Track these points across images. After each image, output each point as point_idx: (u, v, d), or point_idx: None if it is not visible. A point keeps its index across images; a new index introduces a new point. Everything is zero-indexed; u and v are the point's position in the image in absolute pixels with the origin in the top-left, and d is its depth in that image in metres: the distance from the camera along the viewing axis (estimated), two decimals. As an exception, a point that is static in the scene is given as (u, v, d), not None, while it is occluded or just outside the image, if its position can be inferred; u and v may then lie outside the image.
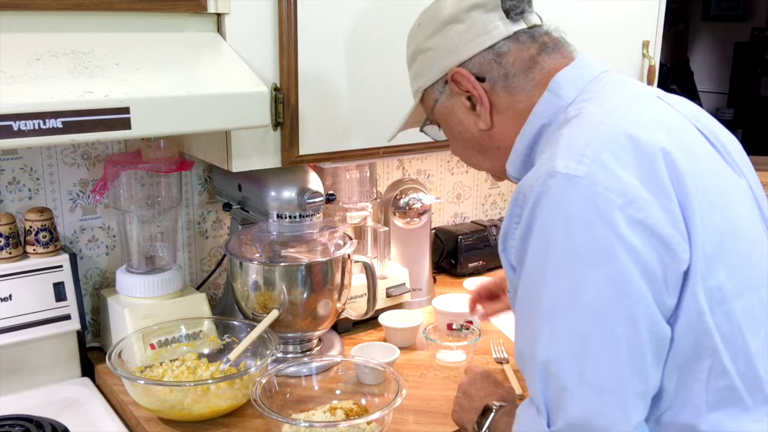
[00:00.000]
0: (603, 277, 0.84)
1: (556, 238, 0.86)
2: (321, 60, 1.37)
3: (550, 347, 0.88)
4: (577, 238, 0.85)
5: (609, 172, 0.86)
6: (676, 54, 4.34)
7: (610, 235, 0.84)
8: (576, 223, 0.85)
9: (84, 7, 1.15)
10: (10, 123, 0.98)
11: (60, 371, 1.48)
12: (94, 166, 1.57)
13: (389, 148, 1.51)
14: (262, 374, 1.31)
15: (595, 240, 0.84)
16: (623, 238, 0.84)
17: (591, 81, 1.02)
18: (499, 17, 1.04)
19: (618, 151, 0.88)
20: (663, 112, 0.99)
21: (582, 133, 0.91)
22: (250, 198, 1.52)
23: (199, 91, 1.15)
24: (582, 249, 0.85)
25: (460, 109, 1.09)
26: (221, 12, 1.27)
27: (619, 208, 0.84)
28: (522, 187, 0.93)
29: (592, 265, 0.85)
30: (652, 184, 0.87)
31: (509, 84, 1.04)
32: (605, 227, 0.84)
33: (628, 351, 0.85)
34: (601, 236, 0.84)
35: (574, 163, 0.87)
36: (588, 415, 0.86)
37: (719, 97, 5.25)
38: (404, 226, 1.82)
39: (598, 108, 0.96)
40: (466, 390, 1.24)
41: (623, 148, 0.88)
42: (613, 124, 0.91)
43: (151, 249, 1.55)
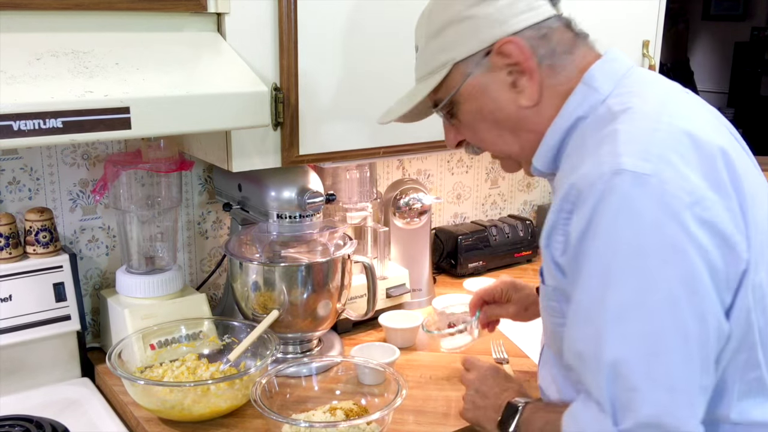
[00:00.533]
0: (674, 275, 0.84)
1: (624, 237, 0.86)
2: (321, 60, 1.37)
3: (619, 347, 0.87)
4: (647, 237, 0.85)
5: (676, 171, 0.86)
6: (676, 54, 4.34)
7: (680, 234, 0.84)
8: (645, 222, 0.85)
9: (84, 7, 1.15)
10: (10, 123, 0.98)
11: (60, 371, 1.47)
12: (94, 166, 1.57)
13: (389, 148, 1.51)
14: (262, 374, 1.31)
15: (665, 239, 0.84)
16: (693, 237, 0.84)
17: (624, 75, 1.02)
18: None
19: (681, 149, 0.88)
20: (704, 110, 1.01)
21: (641, 130, 0.91)
22: (250, 198, 1.52)
23: (199, 91, 1.15)
24: (652, 248, 0.85)
25: (498, 84, 1.03)
26: (221, 12, 1.27)
27: (688, 207, 0.85)
28: (577, 183, 0.91)
29: (662, 264, 0.85)
30: (715, 184, 0.88)
31: (554, 63, 1.02)
32: (675, 226, 0.84)
33: (698, 349, 0.86)
34: (670, 235, 0.84)
35: (641, 161, 0.86)
36: (659, 413, 0.85)
37: (719, 97, 5.26)
38: (404, 226, 1.82)
39: (647, 103, 0.96)
40: (479, 388, 1.21)
41: (686, 147, 0.89)
42: (671, 122, 0.91)
43: (151, 249, 1.55)
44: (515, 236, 2.11)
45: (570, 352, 0.95)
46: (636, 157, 0.87)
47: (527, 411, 1.10)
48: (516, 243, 2.12)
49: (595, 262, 0.88)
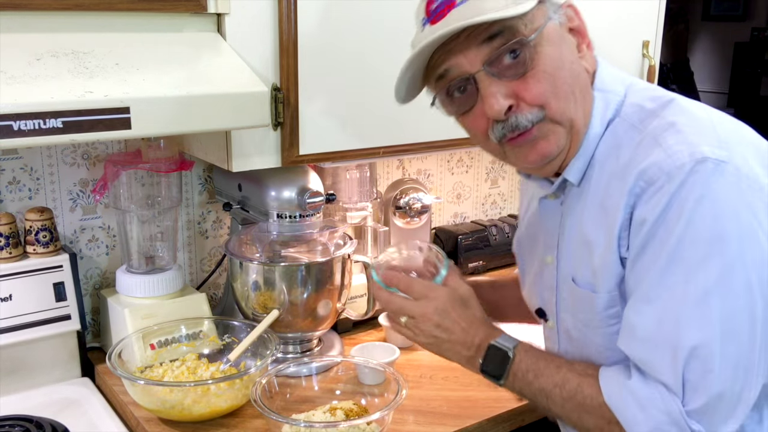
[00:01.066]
0: (751, 261, 0.88)
1: (706, 223, 0.87)
2: (321, 60, 1.37)
3: (701, 331, 0.89)
4: (727, 223, 0.87)
5: (744, 160, 0.90)
6: (676, 54, 4.34)
7: (754, 222, 0.88)
8: (726, 209, 0.87)
9: (84, 7, 1.15)
10: (10, 123, 0.98)
11: (60, 371, 1.47)
12: (94, 166, 1.57)
13: (389, 148, 1.51)
14: (262, 374, 1.31)
15: (742, 225, 0.87)
16: (762, 224, 0.88)
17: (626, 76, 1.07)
18: None
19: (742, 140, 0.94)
20: None
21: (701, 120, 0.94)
22: (250, 198, 1.52)
23: (199, 91, 1.15)
24: (731, 234, 0.87)
25: (568, 43, 0.98)
26: (221, 12, 1.27)
27: (758, 194, 0.89)
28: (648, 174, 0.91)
29: (740, 250, 0.87)
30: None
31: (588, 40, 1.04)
32: (750, 213, 0.88)
33: (762, 330, 0.90)
34: (747, 222, 0.88)
35: (718, 149, 0.89)
36: (724, 390, 0.90)
37: (719, 97, 5.25)
38: (404, 226, 1.82)
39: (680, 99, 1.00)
40: (440, 322, 1.06)
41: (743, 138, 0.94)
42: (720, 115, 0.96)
43: (151, 249, 1.55)
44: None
45: (632, 338, 0.95)
46: (713, 146, 0.89)
47: (521, 357, 1.03)
48: (516, 243, 2.12)
49: (675, 246, 0.89)
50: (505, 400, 1.40)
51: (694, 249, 0.88)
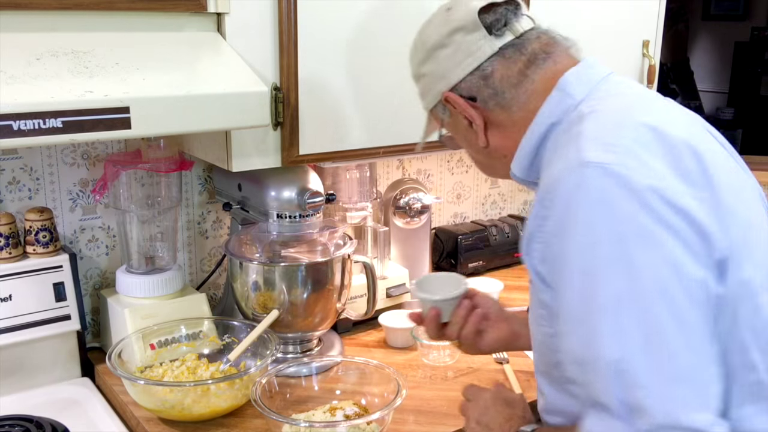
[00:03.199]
0: (658, 259, 0.83)
1: (603, 229, 0.85)
2: (321, 60, 1.37)
3: (617, 344, 0.83)
4: (624, 225, 0.84)
5: (640, 161, 0.86)
6: (676, 54, 4.34)
7: (654, 220, 0.83)
8: (620, 210, 0.84)
9: (84, 7, 1.15)
10: (10, 123, 0.98)
11: (60, 371, 1.47)
12: (94, 166, 1.57)
13: (389, 148, 1.51)
14: (262, 374, 1.31)
15: (641, 225, 0.83)
16: (665, 221, 0.83)
17: (600, 81, 1.03)
18: (481, 36, 1.05)
19: (645, 141, 0.88)
20: (677, 110, 1.01)
21: (605, 126, 0.92)
22: (250, 198, 1.52)
23: (199, 91, 1.15)
24: (631, 235, 0.83)
25: (462, 126, 1.11)
26: (221, 12, 1.27)
27: (655, 192, 0.84)
28: (547, 185, 0.92)
29: (643, 250, 0.83)
30: (681, 174, 0.87)
31: (501, 101, 1.05)
32: (647, 212, 0.84)
33: (700, 334, 0.83)
34: (646, 221, 0.83)
35: (604, 153, 0.87)
36: (670, 409, 0.82)
37: (719, 96, 5.25)
38: (404, 226, 1.82)
39: (615, 104, 0.97)
40: (480, 419, 1.15)
41: (650, 139, 0.89)
42: (635, 118, 0.92)
43: (151, 249, 1.55)
44: (515, 236, 2.11)
45: (570, 363, 0.91)
46: (600, 150, 0.87)
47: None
48: (516, 243, 2.12)
49: (577, 259, 0.87)
50: (505, 400, 1.40)
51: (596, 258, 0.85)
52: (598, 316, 0.85)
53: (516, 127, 1.06)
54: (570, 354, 0.91)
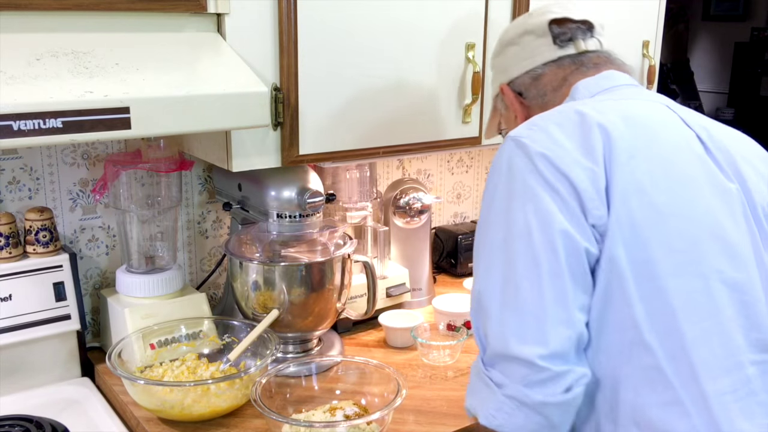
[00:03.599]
0: (531, 210, 0.94)
1: (500, 187, 0.99)
2: (321, 60, 1.37)
3: (483, 280, 0.97)
4: (515, 183, 0.97)
5: (548, 135, 0.99)
6: (676, 54, 4.34)
7: (539, 180, 0.95)
8: (515, 172, 0.98)
9: (84, 7, 1.15)
10: (10, 123, 0.99)
11: (60, 371, 1.48)
12: (94, 166, 1.57)
13: (389, 148, 1.51)
14: (262, 374, 1.31)
15: (527, 183, 0.96)
16: (549, 182, 0.95)
17: (607, 89, 1.12)
18: (546, 43, 1.18)
19: (564, 122, 1.00)
20: (642, 109, 1.06)
21: (547, 114, 1.05)
22: (250, 198, 1.52)
23: (199, 91, 1.15)
24: (518, 192, 0.97)
25: (512, 119, 1.24)
26: (221, 12, 1.27)
27: (545, 158, 0.96)
28: None
29: (523, 202, 0.95)
30: (584, 149, 0.97)
31: (542, 101, 1.19)
32: (536, 174, 0.96)
33: (549, 277, 0.92)
34: (532, 181, 0.96)
35: (524, 130, 1.01)
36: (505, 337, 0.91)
37: (719, 97, 5.25)
38: (404, 226, 1.82)
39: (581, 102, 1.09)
40: None
41: (570, 121, 1.00)
42: (576, 106, 1.04)
43: (151, 249, 1.55)
44: (515, 236, 2.12)
45: None
46: (523, 128, 1.02)
47: None
48: (516, 243, 2.12)
49: (483, 211, 1.01)
50: (505, 400, 1.40)
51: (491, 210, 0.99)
52: (479, 258, 0.99)
53: None
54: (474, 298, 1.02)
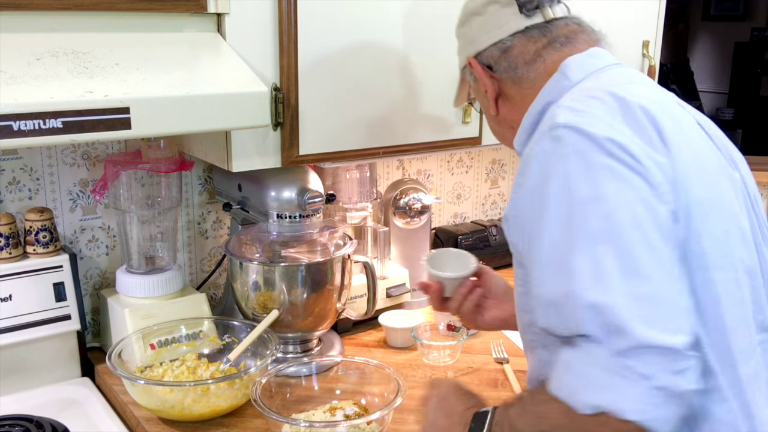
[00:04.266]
0: (631, 194, 0.88)
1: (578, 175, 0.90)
2: (321, 60, 1.37)
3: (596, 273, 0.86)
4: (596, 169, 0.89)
5: (600, 119, 0.93)
6: (676, 54, 4.34)
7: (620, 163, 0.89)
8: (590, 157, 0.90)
9: (84, 7, 1.15)
10: (10, 123, 0.99)
11: (60, 371, 1.48)
12: (94, 166, 1.57)
13: (389, 148, 1.51)
14: (262, 374, 1.31)
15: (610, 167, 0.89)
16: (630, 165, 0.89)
17: (601, 68, 1.08)
18: (512, 12, 1.11)
19: (606, 103, 0.96)
20: (658, 93, 1.05)
21: (576, 98, 1.00)
22: (250, 198, 1.52)
23: (199, 91, 1.15)
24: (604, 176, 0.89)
25: (482, 92, 1.18)
26: (221, 12, 1.27)
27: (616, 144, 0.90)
28: (524, 155, 0.99)
29: (618, 187, 0.88)
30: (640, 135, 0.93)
31: (514, 75, 1.12)
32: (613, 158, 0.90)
33: (670, 263, 0.88)
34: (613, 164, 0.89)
35: (571, 115, 0.94)
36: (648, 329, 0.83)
37: (719, 97, 5.25)
38: (404, 226, 1.82)
39: (594, 82, 1.05)
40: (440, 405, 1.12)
41: (609, 102, 0.96)
42: (602, 88, 1.00)
43: (151, 249, 1.55)
44: (515, 236, 2.12)
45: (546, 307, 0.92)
46: (569, 114, 0.95)
47: (499, 413, 0.99)
48: (516, 243, 2.12)
49: (556, 207, 0.91)
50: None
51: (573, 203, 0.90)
52: (578, 251, 0.88)
53: (524, 102, 1.12)
54: (546, 296, 0.92)
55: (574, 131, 0.92)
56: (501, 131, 1.21)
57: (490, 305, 1.32)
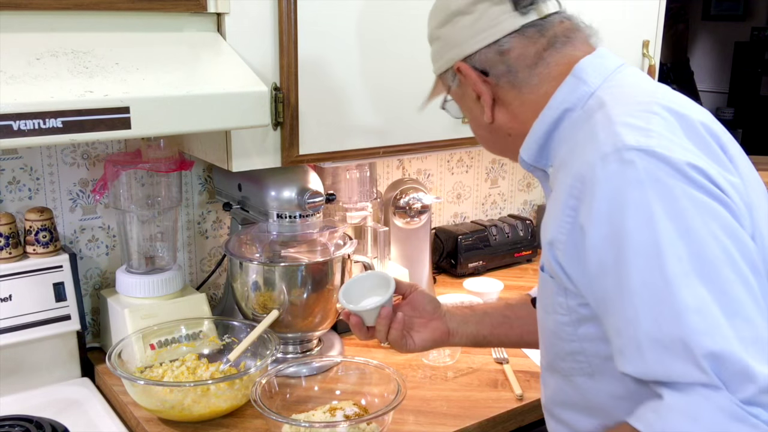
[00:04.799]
0: (719, 227, 0.83)
1: (658, 206, 0.84)
2: (321, 60, 1.37)
3: (698, 315, 0.81)
4: (679, 200, 0.84)
5: (670, 140, 0.87)
6: (676, 54, 4.33)
7: (703, 192, 0.85)
8: (670, 187, 0.85)
9: (84, 7, 1.15)
10: (10, 123, 0.98)
11: (60, 371, 1.47)
12: (94, 166, 1.57)
13: (389, 148, 1.51)
14: (262, 374, 1.31)
15: (694, 198, 0.84)
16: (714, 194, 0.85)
17: (614, 70, 1.03)
18: (506, 10, 1.03)
19: (668, 120, 0.90)
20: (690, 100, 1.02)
21: (629, 110, 0.92)
22: (250, 198, 1.52)
23: (199, 91, 1.15)
24: (688, 208, 0.84)
25: (469, 98, 1.10)
26: (221, 12, 1.27)
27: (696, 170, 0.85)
28: (579, 174, 0.91)
29: (704, 220, 0.83)
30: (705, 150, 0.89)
31: (513, 79, 1.04)
32: (696, 187, 0.85)
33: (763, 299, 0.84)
34: (696, 194, 0.84)
35: (642, 137, 0.87)
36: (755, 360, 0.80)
37: (719, 97, 5.25)
38: (404, 226, 1.82)
39: (633, 90, 0.98)
40: None
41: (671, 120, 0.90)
42: (655, 101, 0.93)
43: (151, 249, 1.55)
44: (515, 236, 2.12)
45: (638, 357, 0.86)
46: (637, 135, 0.88)
47: None
48: (516, 243, 2.12)
49: (636, 239, 0.85)
50: (504, 401, 1.40)
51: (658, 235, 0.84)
52: (677, 294, 0.82)
53: (524, 108, 1.05)
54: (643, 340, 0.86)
55: (648, 155, 0.86)
56: (494, 139, 1.13)
57: (419, 326, 1.26)
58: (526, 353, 1.58)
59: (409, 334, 1.26)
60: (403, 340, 1.25)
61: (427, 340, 1.27)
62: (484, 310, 1.34)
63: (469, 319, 1.30)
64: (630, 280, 0.86)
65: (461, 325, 1.28)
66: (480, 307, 1.37)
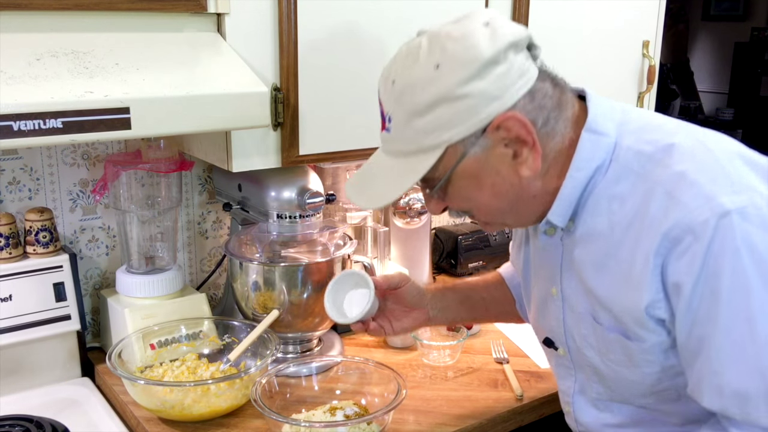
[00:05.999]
0: None
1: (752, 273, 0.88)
2: (321, 60, 1.37)
3: None
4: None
5: (760, 194, 0.90)
6: (676, 54, 4.34)
7: None
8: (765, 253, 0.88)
9: (84, 7, 1.15)
10: (10, 123, 0.98)
11: (60, 371, 1.48)
12: (94, 166, 1.57)
13: (389, 148, 1.51)
14: (262, 374, 1.31)
15: None
16: None
17: (620, 112, 1.04)
18: (527, 57, 0.97)
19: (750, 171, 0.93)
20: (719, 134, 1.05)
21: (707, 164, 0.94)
22: (250, 198, 1.52)
23: (199, 91, 1.15)
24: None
25: (498, 158, 0.98)
26: (221, 12, 1.27)
27: None
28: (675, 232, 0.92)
29: None
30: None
31: (548, 129, 0.99)
32: None
33: None
34: None
35: (735, 195, 0.89)
36: None
37: (719, 97, 5.26)
38: (404, 226, 1.82)
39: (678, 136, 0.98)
40: None
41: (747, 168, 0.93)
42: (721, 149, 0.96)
43: (151, 249, 1.55)
44: (515, 236, 2.12)
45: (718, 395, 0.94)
46: (729, 194, 0.89)
47: None
48: (516, 243, 2.12)
49: (732, 302, 0.89)
50: (505, 400, 1.40)
51: (752, 299, 0.88)
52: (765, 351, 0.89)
53: (553, 161, 1.01)
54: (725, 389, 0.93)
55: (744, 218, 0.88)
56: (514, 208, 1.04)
57: (400, 314, 1.32)
58: (527, 353, 1.58)
59: (388, 322, 1.32)
60: (381, 329, 1.31)
61: (407, 328, 1.35)
62: (464, 293, 1.41)
63: (450, 305, 1.37)
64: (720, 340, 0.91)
65: (441, 311, 1.36)
66: (461, 289, 1.42)
